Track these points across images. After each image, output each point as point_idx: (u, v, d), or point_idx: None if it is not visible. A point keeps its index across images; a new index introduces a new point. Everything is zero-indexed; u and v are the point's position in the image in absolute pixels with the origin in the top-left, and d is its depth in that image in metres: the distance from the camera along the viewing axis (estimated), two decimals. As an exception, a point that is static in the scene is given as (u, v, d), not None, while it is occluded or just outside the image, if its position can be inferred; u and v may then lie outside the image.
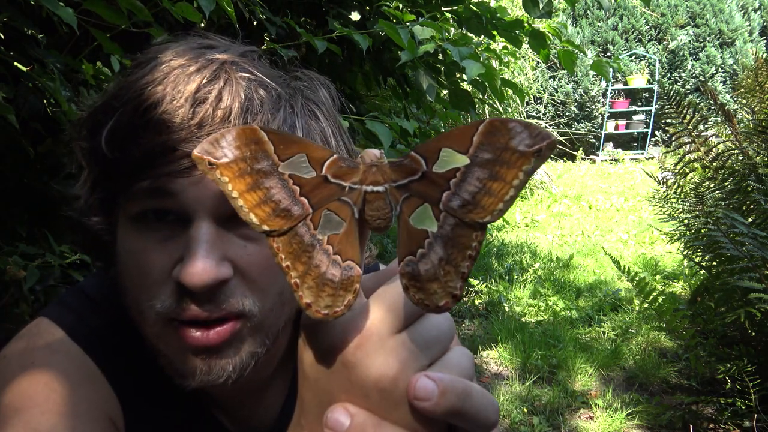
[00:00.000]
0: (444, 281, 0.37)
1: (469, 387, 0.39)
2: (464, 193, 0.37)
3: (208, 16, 1.10)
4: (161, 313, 0.58)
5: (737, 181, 2.42)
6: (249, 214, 0.38)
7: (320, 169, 0.40)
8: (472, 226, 0.37)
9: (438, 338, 0.39)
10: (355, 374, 0.38)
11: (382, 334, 0.38)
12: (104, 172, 0.61)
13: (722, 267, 2.28)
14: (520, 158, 0.36)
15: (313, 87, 0.67)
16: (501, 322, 3.33)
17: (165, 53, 0.60)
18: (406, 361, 0.38)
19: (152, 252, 0.58)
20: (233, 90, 0.58)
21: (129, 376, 0.65)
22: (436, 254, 0.38)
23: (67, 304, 0.68)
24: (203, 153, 0.37)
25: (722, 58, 9.70)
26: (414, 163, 0.39)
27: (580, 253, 4.67)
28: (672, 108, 2.54)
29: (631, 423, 2.42)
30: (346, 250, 0.40)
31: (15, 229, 1.25)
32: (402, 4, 2.10)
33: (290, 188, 0.39)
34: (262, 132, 0.39)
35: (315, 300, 0.38)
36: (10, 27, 1.09)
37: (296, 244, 0.39)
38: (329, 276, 0.39)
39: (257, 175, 0.39)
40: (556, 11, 8.85)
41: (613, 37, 9.96)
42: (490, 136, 0.37)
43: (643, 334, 3.16)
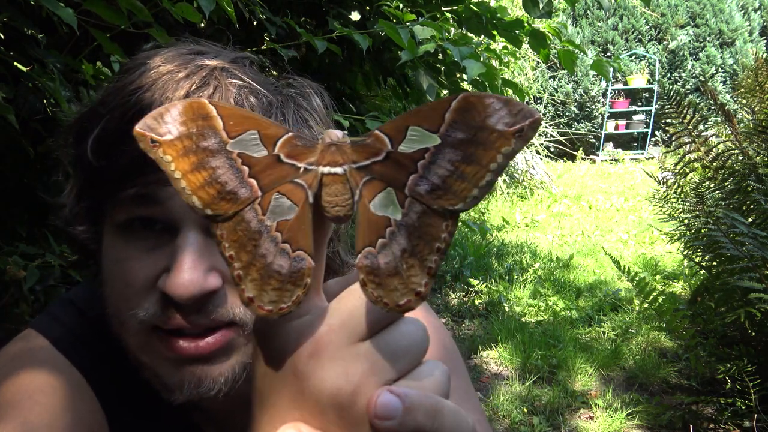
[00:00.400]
0: (406, 276, 0.33)
1: (440, 404, 0.34)
2: (433, 176, 0.34)
3: (208, 16, 1.10)
4: (144, 321, 0.56)
5: (737, 181, 2.42)
6: (192, 197, 0.35)
7: (272, 147, 0.36)
8: (441, 214, 0.33)
9: (408, 349, 0.34)
10: (308, 387, 0.33)
11: (340, 342, 0.34)
12: (90, 179, 0.60)
13: (722, 267, 2.28)
14: (498, 139, 0.32)
15: (306, 94, 0.65)
16: (501, 322, 3.33)
17: (153, 59, 0.59)
18: (367, 373, 0.33)
19: (137, 261, 0.57)
20: (223, 97, 0.56)
21: (115, 388, 0.64)
22: (398, 245, 0.34)
23: (54, 315, 0.67)
24: (145, 129, 0.34)
25: (722, 58, 9.70)
26: (378, 143, 0.35)
27: (580, 253, 4.67)
28: (672, 108, 2.54)
29: (631, 423, 2.42)
30: (297, 239, 0.35)
31: (15, 229, 1.25)
32: (402, 4, 2.10)
33: (238, 168, 0.36)
34: (210, 106, 0.35)
35: (258, 294, 0.34)
36: (10, 27, 1.09)
37: (242, 231, 0.35)
38: (276, 267, 0.35)
39: (203, 153, 0.35)
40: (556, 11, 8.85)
41: (613, 37, 9.96)
42: (464, 114, 0.33)
43: (643, 334, 3.16)
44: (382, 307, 0.33)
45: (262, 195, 0.36)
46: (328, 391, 0.33)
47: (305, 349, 0.34)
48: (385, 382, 0.33)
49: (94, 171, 0.58)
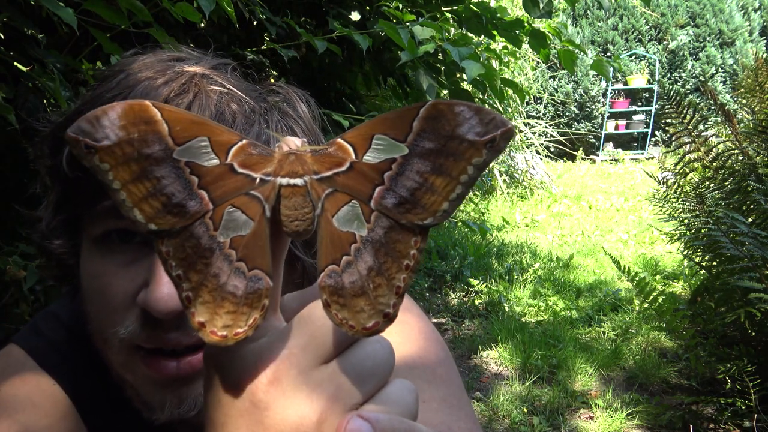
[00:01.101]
0: (374, 296, 0.31)
1: (414, 429, 0.32)
2: (401, 189, 0.32)
3: (208, 16, 1.10)
4: (125, 339, 0.54)
5: (737, 181, 2.42)
6: (133, 210, 0.31)
7: (225, 156, 0.33)
8: (410, 229, 0.31)
9: (373, 369, 0.32)
10: (268, 417, 0.31)
11: (303, 367, 0.31)
12: (66, 191, 0.58)
13: (722, 267, 2.28)
14: (468, 149, 0.30)
15: (291, 101, 0.63)
16: (501, 322, 3.33)
17: (132, 66, 0.57)
18: (332, 399, 0.31)
19: (115, 276, 0.54)
20: (203, 103, 0.54)
21: (100, 407, 0.63)
22: (364, 263, 0.31)
23: (39, 330, 0.66)
24: (78, 133, 0.30)
25: (722, 58, 9.70)
26: (341, 152, 0.33)
27: (580, 253, 4.67)
28: (672, 108, 2.54)
29: (631, 423, 2.42)
30: (254, 257, 0.32)
31: (15, 229, 1.25)
32: (402, 4, 2.10)
33: (186, 179, 0.32)
34: (154, 109, 0.32)
35: (210, 318, 0.31)
36: (10, 27, 1.09)
37: (191, 248, 0.32)
38: (230, 288, 0.31)
39: (146, 161, 0.31)
40: (556, 11, 8.85)
41: (613, 37, 9.96)
42: (433, 122, 0.31)
43: (643, 334, 3.16)
44: (347, 330, 0.31)
45: (214, 208, 0.32)
46: (290, 421, 0.30)
47: (264, 376, 0.31)
48: (351, 407, 0.31)
49: (70, 183, 0.56)
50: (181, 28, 1.44)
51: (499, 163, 6.65)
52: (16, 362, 0.62)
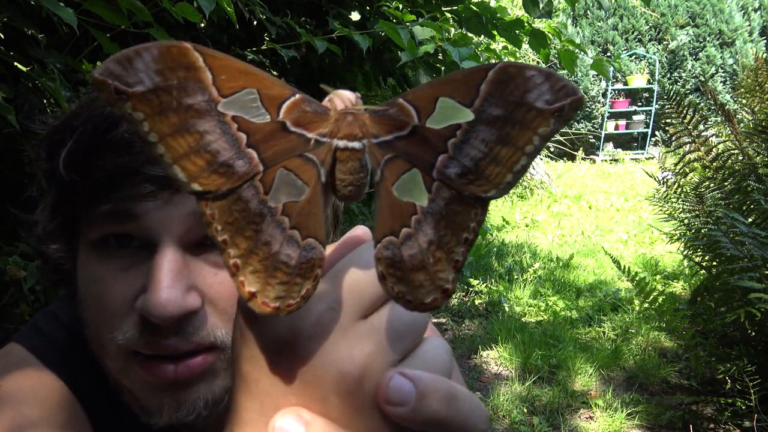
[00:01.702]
0: (433, 271, 0.29)
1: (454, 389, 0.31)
2: (465, 158, 0.29)
3: (208, 16, 1.10)
4: (123, 345, 0.53)
5: (737, 181, 2.42)
6: (173, 167, 0.28)
7: (276, 112, 0.30)
8: (471, 201, 0.29)
9: (411, 325, 0.32)
10: (308, 372, 0.30)
11: (342, 321, 0.30)
12: (63, 195, 0.57)
13: (722, 267, 2.28)
14: (536, 118, 0.28)
15: None
16: (501, 322, 3.32)
17: None
18: (373, 354, 0.30)
19: (113, 281, 0.54)
20: None
21: (99, 409, 0.62)
22: (425, 236, 0.30)
23: (39, 329, 0.65)
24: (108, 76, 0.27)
25: (722, 58, 9.70)
26: (403, 114, 0.30)
27: (580, 253, 4.67)
28: (672, 108, 2.55)
29: (631, 423, 2.42)
30: (308, 225, 0.30)
31: (15, 229, 1.25)
32: (402, 4, 2.10)
33: (233, 135, 0.29)
34: (195, 53, 0.28)
35: (262, 288, 0.29)
36: (10, 27, 1.09)
37: (239, 212, 0.29)
38: (283, 257, 0.29)
39: (187, 113, 0.28)
40: (556, 11, 8.85)
41: (613, 37, 9.96)
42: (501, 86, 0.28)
43: (643, 334, 3.16)
44: (404, 305, 0.30)
45: (265, 170, 0.30)
46: (330, 376, 0.30)
47: (303, 330, 0.30)
48: (391, 363, 0.30)
49: (67, 186, 0.55)
50: (181, 28, 1.44)
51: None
52: (18, 359, 0.61)
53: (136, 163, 0.51)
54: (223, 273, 0.54)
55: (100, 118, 0.53)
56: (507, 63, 0.29)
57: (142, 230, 0.53)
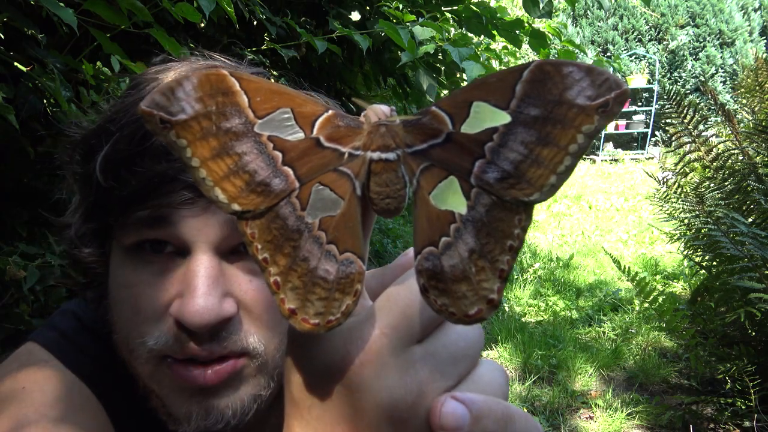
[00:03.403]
0: (476, 281, 0.28)
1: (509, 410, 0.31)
2: (504, 161, 0.28)
3: (208, 16, 1.10)
4: (154, 350, 0.53)
5: (737, 181, 2.42)
6: (214, 189, 0.29)
7: (310, 129, 0.30)
8: (514, 206, 0.28)
9: (465, 350, 0.31)
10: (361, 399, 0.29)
11: (394, 347, 0.29)
12: (98, 200, 0.57)
13: (722, 267, 2.28)
14: (578, 115, 0.27)
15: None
16: (501, 322, 3.32)
17: (166, 73, 0.57)
18: (427, 380, 0.29)
19: (147, 286, 0.54)
20: None
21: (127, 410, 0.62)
22: (465, 245, 0.29)
23: (59, 328, 0.64)
24: (153, 107, 0.28)
25: (722, 58, 9.70)
26: (436, 122, 0.30)
27: (580, 253, 4.67)
28: (672, 108, 2.54)
29: (631, 423, 2.42)
30: (345, 239, 0.30)
31: (15, 229, 1.25)
32: (402, 4, 2.10)
33: (270, 154, 0.30)
34: (232, 79, 0.29)
35: (302, 305, 0.29)
36: (10, 27, 1.09)
37: (277, 230, 0.30)
38: (321, 273, 0.29)
39: (226, 136, 0.29)
40: (556, 11, 8.85)
41: (613, 37, 9.96)
42: (538, 86, 0.27)
43: (644, 334, 3.16)
44: (448, 318, 0.29)
45: (300, 186, 0.30)
46: (385, 403, 0.29)
47: (355, 357, 0.29)
48: (445, 389, 0.30)
49: (102, 191, 0.55)
50: (182, 28, 1.44)
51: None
52: (39, 359, 0.60)
53: (174, 171, 0.52)
54: (257, 280, 0.54)
55: (138, 123, 0.53)
56: (543, 60, 0.28)
57: (178, 237, 0.53)
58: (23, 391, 0.56)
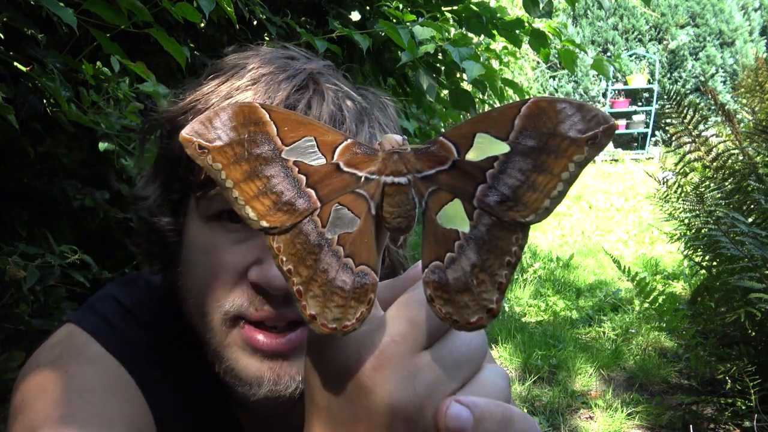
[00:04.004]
0: (477, 292, 0.32)
1: (509, 411, 0.33)
2: (503, 186, 0.32)
3: (208, 16, 1.10)
4: (230, 312, 0.56)
5: (737, 180, 2.42)
6: (245, 208, 0.33)
7: (331, 155, 0.34)
8: (511, 226, 0.32)
9: (469, 356, 0.34)
10: (373, 401, 0.32)
11: (404, 353, 0.32)
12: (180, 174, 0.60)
13: (722, 267, 2.28)
14: (570, 146, 0.30)
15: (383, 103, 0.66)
16: (501, 322, 3.32)
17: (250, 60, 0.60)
18: (433, 384, 0.32)
19: (226, 253, 0.57)
20: (322, 100, 0.57)
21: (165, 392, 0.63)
22: (468, 260, 0.32)
23: (99, 312, 0.66)
24: (193, 135, 0.32)
25: (722, 58, 9.69)
26: (443, 150, 0.34)
27: (580, 253, 4.67)
28: (672, 108, 2.54)
29: (631, 423, 2.42)
30: (360, 253, 0.34)
31: (15, 229, 1.25)
32: (402, 4, 2.10)
33: (295, 177, 0.34)
34: (263, 111, 0.33)
35: (321, 311, 0.32)
36: (10, 27, 1.09)
37: (300, 244, 0.33)
38: (339, 283, 0.33)
39: (256, 161, 0.33)
40: (556, 11, 8.85)
41: (613, 37, 9.96)
42: (534, 119, 0.31)
43: (644, 334, 3.16)
44: (452, 325, 0.32)
45: (321, 206, 0.34)
46: (395, 405, 0.32)
47: (368, 362, 0.32)
48: (450, 391, 0.33)
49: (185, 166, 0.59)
50: (182, 28, 1.44)
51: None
52: (81, 344, 0.62)
53: None
54: None
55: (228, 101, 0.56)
56: (539, 98, 0.32)
57: None
58: (66, 375, 0.58)
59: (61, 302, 1.23)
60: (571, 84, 10.02)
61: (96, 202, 1.32)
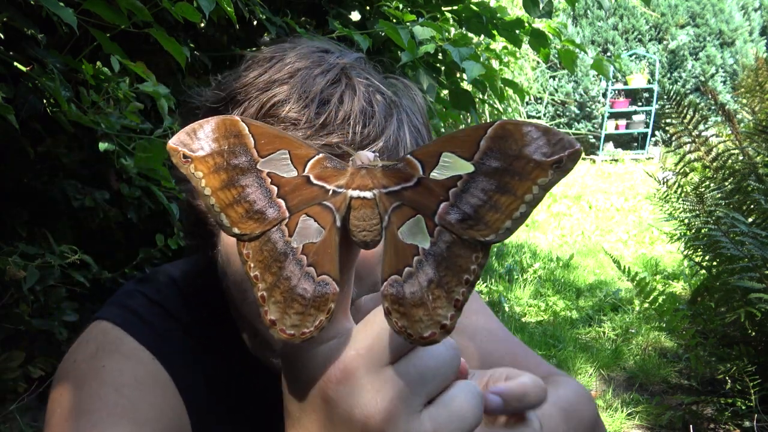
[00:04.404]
0: (432, 308, 0.32)
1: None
2: (465, 205, 0.33)
3: (208, 16, 1.10)
4: None
5: (737, 180, 2.42)
6: (220, 215, 0.34)
7: (303, 168, 0.36)
8: (472, 245, 0.32)
9: (435, 371, 0.33)
10: (338, 414, 0.33)
11: (368, 368, 0.33)
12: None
13: (722, 267, 2.28)
14: (535, 169, 0.31)
15: (411, 94, 0.69)
16: (501, 322, 3.32)
17: (287, 53, 0.63)
18: (397, 399, 0.32)
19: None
20: (353, 94, 0.60)
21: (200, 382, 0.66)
22: (425, 275, 0.33)
23: (129, 307, 0.68)
24: (178, 144, 0.34)
25: (722, 58, 9.70)
26: (409, 168, 0.34)
27: (580, 253, 4.67)
28: (672, 108, 2.54)
29: (631, 423, 2.42)
30: (323, 263, 0.34)
31: (15, 229, 1.25)
32: (402, 4, 2.10)
33: (267, 188, 0.35)
34: (243, 124, 0.35)
35: (281, 317, 0.33)
36: (10, 27, 1.09)
37: (267, 252, 0.35)
38: (300, 291, 0.34)
39: (233, 171, 0.35)
40: (556, 11, 8.85)
41: (613, 37, 9.96)
42: (500, 141, 0.32)
43: (644, 334, 3.17)
44: (405, 338, 0.32)
45: (290, 216, 0.35)
46: (357, 419, 0.32)
47: (333, 375, 0.33)
48: (415, 407, 0.32)
49: None
50: (181, 28, 1.44)
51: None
52: (116, 339, 0.65)
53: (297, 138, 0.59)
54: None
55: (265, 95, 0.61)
56: (505, 120, 0.32)
57: None
58: (103, 370, 0.61)
59: (61, 302, 1.23)
60: (571, 84, 10.02)
61: (96, 202, 1.32)
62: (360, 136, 0.59)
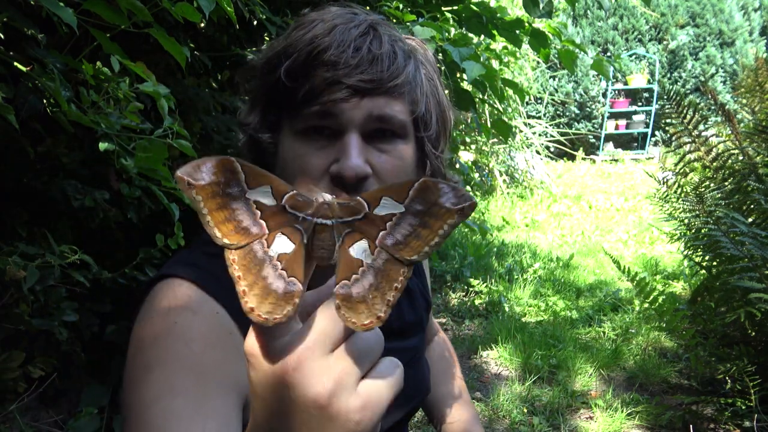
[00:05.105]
0: (371, 304, 0.43)
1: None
2: (398, 234, 0.45)
3: (208, 16, 1.10)
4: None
5: (737, 180, 2.42)
6: (214, 229, 0.44)
7: (281, 200, 0.47)
8: (401, 262, 0.45)
9: (367, 351, 0.43)
10: (294, 394, 0.41)
11: (316, 356, 0.42)
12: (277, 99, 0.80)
13: (722, 267, 2.28)
14: (446, 213, 0.44)
15: (423, 50, 0.86)
16: (501, 322, 3.32)
17: (325, 15, 0.80)
18: (339, 378, 0.41)
19: (313, 156, 0.77)
20: (380, 42, 0.77)
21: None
22: (367, 281, 0.44)
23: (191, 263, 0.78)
24: (185, 174, 0.43)
25: (722, 58, 9.70)
26: (359, 206, 0.47)
27: (580, 253, 4.67)
28: (672, 108, 2.54)
29: (631, 423, 2.42)
30: (293, 269, 0.45)
31: (15, 229, 1.25)
32: (402, 4, 2.10)
33: (253, 212, 0.46)
34: (237, 164, 0.45)
35: (258, 305, 0.42)
36: (10, 27, 1.09)
37: (250, 259, 0.44)
38: (274, 287, 0.44)
39: (227, 197, 0.45)
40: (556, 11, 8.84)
41: (613, 37, 9.96)
42: (423, 192, 0.45)
43: (644, 334, 3.17)
44: (351, 326, 0.42)
45: (269, 233, 0.46)
46: (309, 397, 0.41)
47: (289, 364, 0.42)
48: (357, 379, 0.42)
49: (282, 93, 0.78)
50: (181, 28, 1.44)
51: (499, 163, 6.64)
52: (184, 294, 0.74)
53: (337, 77, 0.74)
54: (385, 156, 0.78)
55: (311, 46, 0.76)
56: (428, 179, 0.45)
57: (337, 124, 0.76)
58: (176, 326, 0.71)
59: (61, 302, 1.23)
60: (571, 84, 10.02)
61: (96, 202, 1.32)
62: (386, 73, 0.76)
